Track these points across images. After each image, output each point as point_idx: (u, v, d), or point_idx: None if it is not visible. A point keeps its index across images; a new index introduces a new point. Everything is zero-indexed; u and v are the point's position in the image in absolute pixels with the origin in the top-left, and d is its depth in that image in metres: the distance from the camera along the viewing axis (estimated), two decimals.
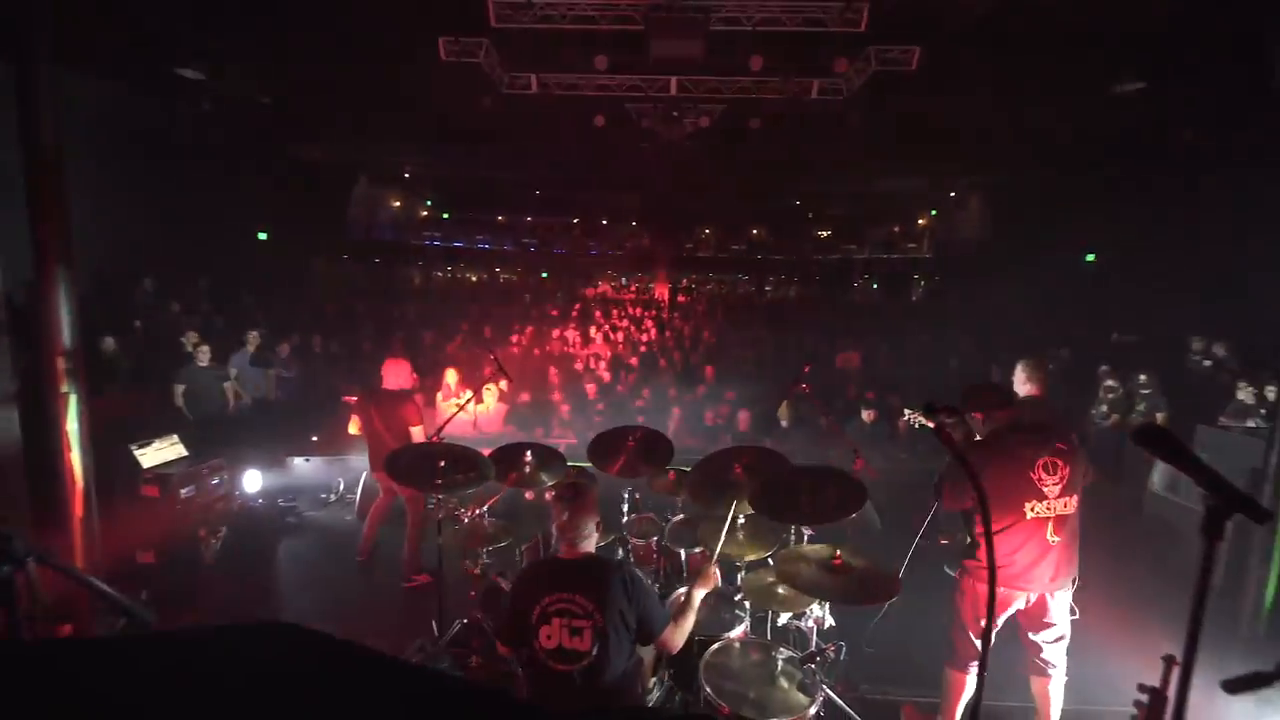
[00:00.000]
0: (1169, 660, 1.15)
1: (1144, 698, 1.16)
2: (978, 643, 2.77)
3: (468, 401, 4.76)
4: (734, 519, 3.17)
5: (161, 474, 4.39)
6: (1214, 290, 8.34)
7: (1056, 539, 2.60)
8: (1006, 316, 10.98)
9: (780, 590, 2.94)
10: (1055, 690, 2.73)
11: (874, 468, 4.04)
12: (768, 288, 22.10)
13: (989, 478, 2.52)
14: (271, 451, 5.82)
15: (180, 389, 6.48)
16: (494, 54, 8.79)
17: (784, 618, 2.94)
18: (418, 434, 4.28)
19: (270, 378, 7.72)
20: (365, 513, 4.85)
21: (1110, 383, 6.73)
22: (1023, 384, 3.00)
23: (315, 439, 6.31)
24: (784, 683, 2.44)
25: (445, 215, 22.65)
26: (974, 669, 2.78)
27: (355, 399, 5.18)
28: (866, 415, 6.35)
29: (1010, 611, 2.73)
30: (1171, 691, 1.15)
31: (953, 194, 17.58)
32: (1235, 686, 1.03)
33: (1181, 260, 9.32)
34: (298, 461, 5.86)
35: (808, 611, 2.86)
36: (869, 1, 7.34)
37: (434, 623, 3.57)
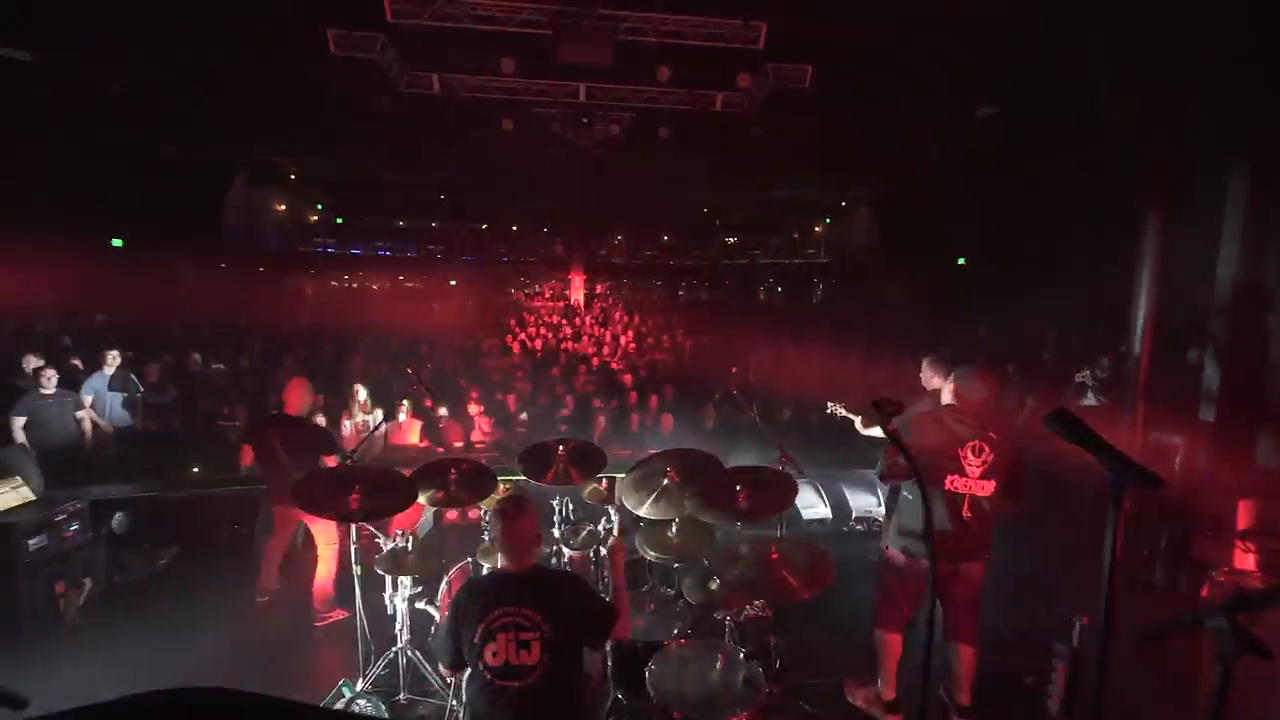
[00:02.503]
0: (1079, 620, 1.30)
1: (1061, 657, 1.30)
2: (901, 605, 3.02)
3: (381, 423, 4.44)
4: (665, 522, 3.23)
5: (3, 524, 3.70)
6: (1059, 287, 9.68)
7: (968, 515, 2.84)
8: (895, 316, 12.05)
9: (717, 590, 3.02)
10: (970, 654, 2.95)
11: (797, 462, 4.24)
12: (681, 292, 22.68)
13: (921, 445, 2.78)
14: (143, 487, 5.10)
15: (20, 421, 5.50)
16: (391, 50, 8.34)
17: (722, 614, 3.02)
18: (328, 463, 3.94)
19: (136, 402, 6.76)
20: (262, 549, 4.37)
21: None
22: (929, 380, 3.29)
23: (196, 470, 5.61)
24: (729, 680, 2.50)
25: (339, 220, 21.12)
26: (899, 629, 3.03)
27: (247, 426, 4.65)
28: (784, 412, 6.69)
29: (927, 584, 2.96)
30: (1078, 646, 1.31)
31: (844, 203, 19.04)
32: (1152, 635, 1.19)
33: (1030, 260, 10.72)
34: (173, 497, 5.18)
35: (747, 606, 2.95)
36: (766, 20, 7.79)
37: (358, 658, 3.30)
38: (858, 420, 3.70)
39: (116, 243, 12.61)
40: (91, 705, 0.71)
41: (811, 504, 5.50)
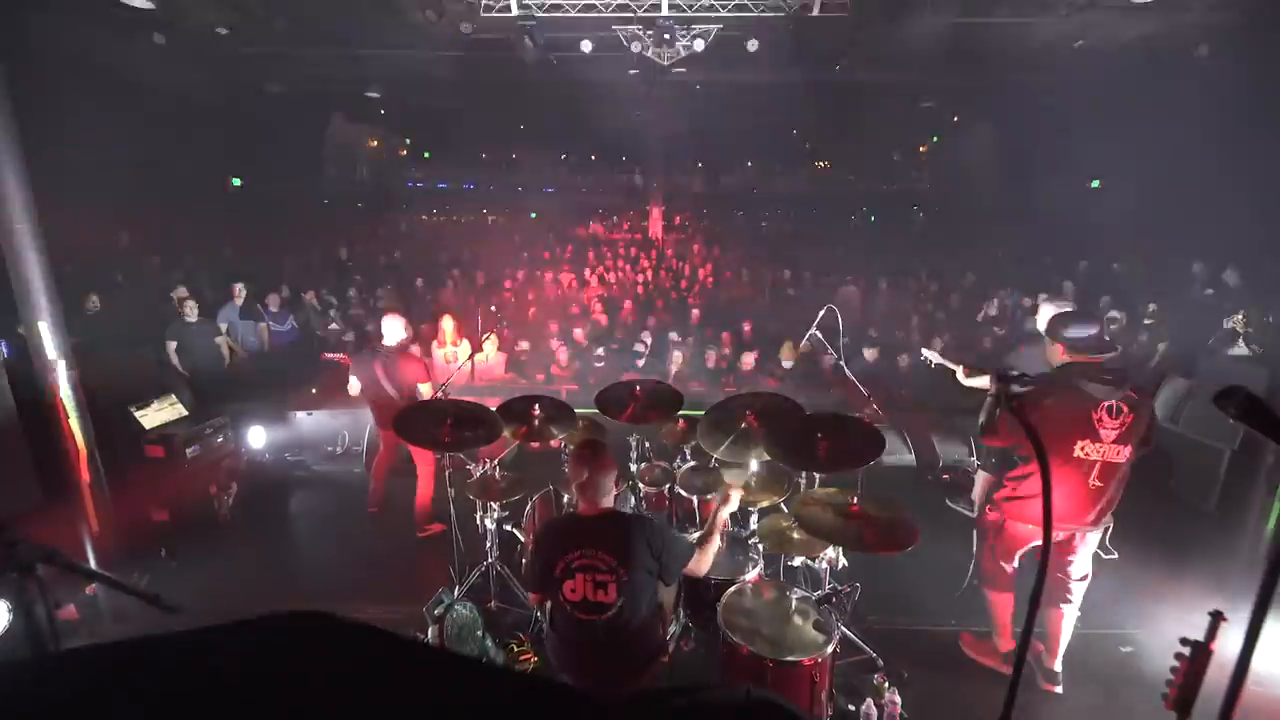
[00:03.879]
0: (1216, 616, 1.14)
1: (1185, 650, 1.16)
2: (1008, 567, 2.89)
3: (470, 356, 4.66)
4: (744, 464, 3.20)
5: (165, 434, 4.34)
6: (1225, 214, 8.15)
7: (1098, 484, 2.57)
8: (1009, 248, 10.81)
9: (795, 535, 2.99)
10: (1068, 623, 2.84)
11: (882, 408, 4.03)
12: (764, 223, 21.57)
13: (1047, 410, 2.48)
14: (273, 406, 5.77)
15: (172, 345, 6.34)
16: None
17: (798, 560, 3.01)
18: (426, 391, 4.23)
19: (262, 331, 7.56)
20: (370, 466, 4.87)
21: (1114, 314, 6.69)
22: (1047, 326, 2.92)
23: (315, 391, 6.24)
24: (799, 621, 2.52)
25: (426, 154, 21.63)
26: (1009, 590, 2.91)
27: (350, 359, 5.06)
28: (869, 354, 6.33)
29: (1035, 544, 2.79)
30: (1216, 647, 1.16)
31: (955, 119, 16.87)
32: None
33: (1188, 181, 9.07)
34: (300, 415, 5.83)
35: (821, 554, 2.91)
36: None
37: (451, 570, 3.66)
38: (959, 370, 3.40)
39: (236, 181, 13.70)
40: (211, 626, 0.78)
41: (894, 449, 5.27)
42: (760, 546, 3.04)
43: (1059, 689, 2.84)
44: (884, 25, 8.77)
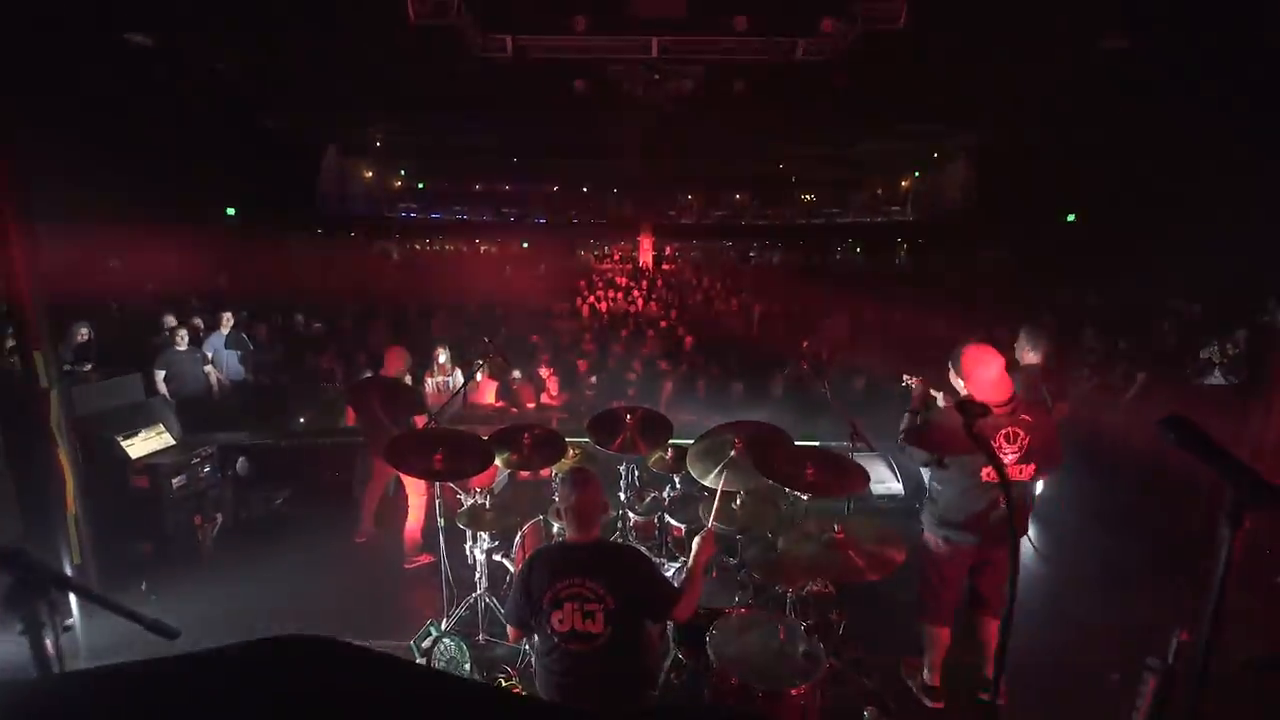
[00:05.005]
0: (1178, 634, 1.19)
1: (1154, 671, 1.21)
2: (943, 595, 2.96)
3: (464, 386, 4.71)
4: (730, 493, 3.23)
5: (151, 464, 4.30)
6: (1189, 249, 8.49)
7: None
8: (989, 280, 11.11)
9: (783, 563, 3.02)
10: (994, 627, 2.91)
11: (869, 437, 4.09)
12: (753, 254, 22.00)
13: (953, 437, 2.64)
14: (261, 434, 5.73)
15: (161, 374, 6.31)
16: (466, 15, 8.39)
17: (786, 588, 3.02)
18: (419, 420, 4.27)
19: (248, 359, 7.55)
20: (361, 495, 4.84)
21: (1092, 345, 6.88)
22: (1026, 353, 3.07)
23: (302, 420, 6.21)
24: (789, 652, 2.53)
25: (420, 185, 21.98)
26: (946, 623, 2.98)
27: (350, 388, 5.10)
28: (858, 383, 6.43)
29: (965, 567, 2.90)
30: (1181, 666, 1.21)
31: (936, 155, 17.50)
32: (1262, 664, 1.08)
33: (1158, 220, 9.46)
34: (287, 444, 5.78)
35: (810, 582, 2.94)
36: None
37: (439, 601, 3.62)
38: (939, 397, 3.50)
39: (230, 211, 13.83)
40: (212, 649, 0.81)
41: (883, 479, 5.32)
42: (750, 576, 3.06)
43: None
44: (865, 69, 9.18)
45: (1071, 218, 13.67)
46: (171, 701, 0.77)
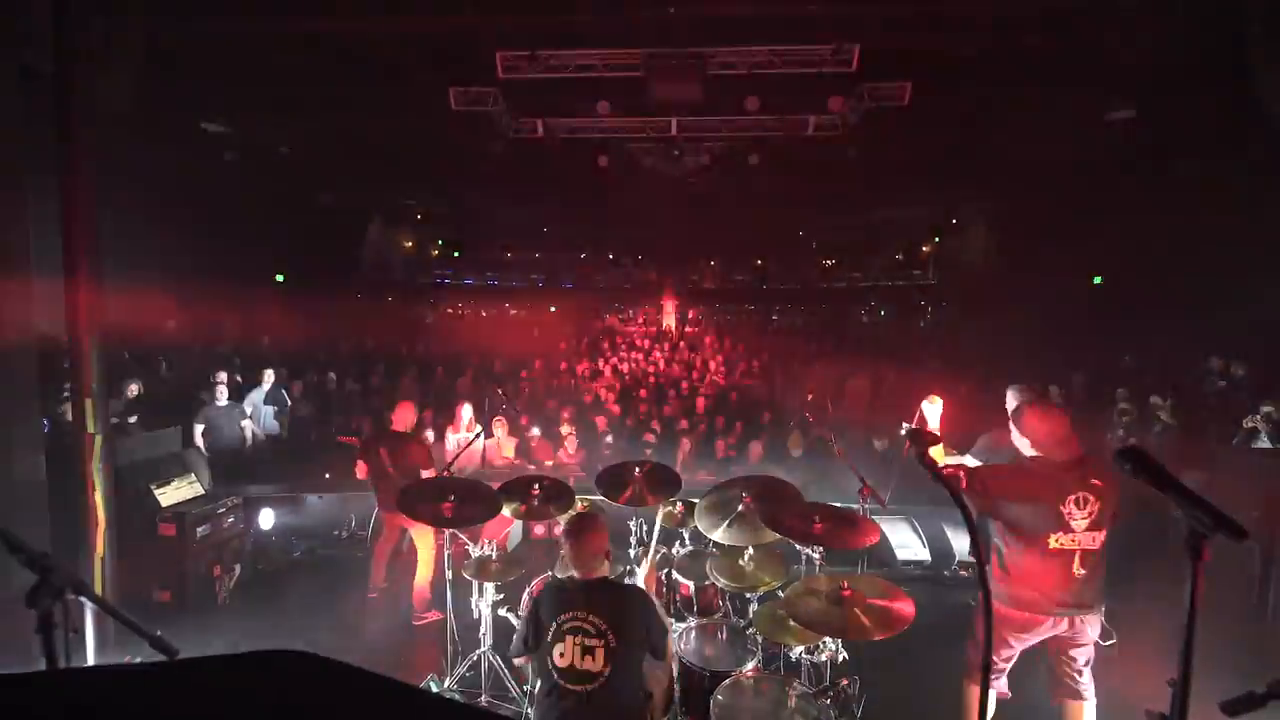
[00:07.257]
0: (1173, 684, 1.15)
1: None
2: (998, 660, 2.77)
3: (476, 437, 4.83)
4: (741, 551, 3.18)
5: (178, 512, 4.46)
6: (1226, 308, 8.28)
7: (1081, 571, 2.60)
8: (1015, 342, 10.95)
9: (792, 623, 2.92)
10: (1088, 714, 2.72)
11: (883, 496, 4.01)
12: (775, 317, 22.18)
13: (1018, 503, 2.61)
14: (286, 488, 5.89)
15: (200, 428, 6.61)
16: (502, 102, 9.17)
17: (797, 651, 2.91)
18: (427, 475, 4.36)
19: (283, 415, 7.85)
20: (373, 550, 4.88)
21: (1124, 405, 6.66)
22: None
23: (328, 476, 6.37)
24: (799, 718, 2.41)
25: (456, 254, 23.15)
26: (995, 682, 2.76)
27: (359, 442, 5.27)
28: (878, 444, 6.32)
29: (1040, 636, 2.72)
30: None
31: (954, 220, 17.73)
32: (1233, 708, 1.04)
33: (1188, 280, 9.32)
34: (311, 499, 5.92)
35: (821, 644, 2.83)
36: (859, 44, 7.61)
37: (443, 659, 3.56)
38: (938, 449, 3.45)
39: (279, 278, 14.78)
40: (196, 658, 0.85)
41: (906, 543, 5.13)
42: (758, 638, 2.96)
43: None
44: (874, 143, 9.59)
45: (1098, 280, 13.52)
46: (148, 701, 0.81)
